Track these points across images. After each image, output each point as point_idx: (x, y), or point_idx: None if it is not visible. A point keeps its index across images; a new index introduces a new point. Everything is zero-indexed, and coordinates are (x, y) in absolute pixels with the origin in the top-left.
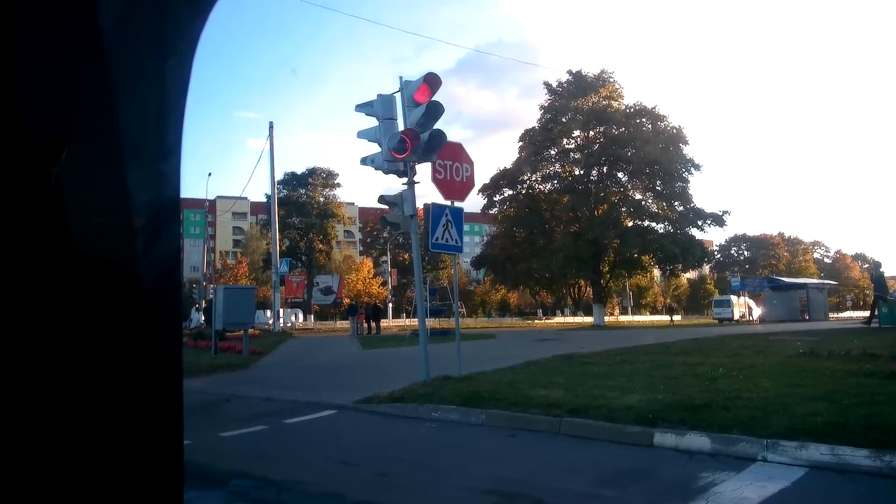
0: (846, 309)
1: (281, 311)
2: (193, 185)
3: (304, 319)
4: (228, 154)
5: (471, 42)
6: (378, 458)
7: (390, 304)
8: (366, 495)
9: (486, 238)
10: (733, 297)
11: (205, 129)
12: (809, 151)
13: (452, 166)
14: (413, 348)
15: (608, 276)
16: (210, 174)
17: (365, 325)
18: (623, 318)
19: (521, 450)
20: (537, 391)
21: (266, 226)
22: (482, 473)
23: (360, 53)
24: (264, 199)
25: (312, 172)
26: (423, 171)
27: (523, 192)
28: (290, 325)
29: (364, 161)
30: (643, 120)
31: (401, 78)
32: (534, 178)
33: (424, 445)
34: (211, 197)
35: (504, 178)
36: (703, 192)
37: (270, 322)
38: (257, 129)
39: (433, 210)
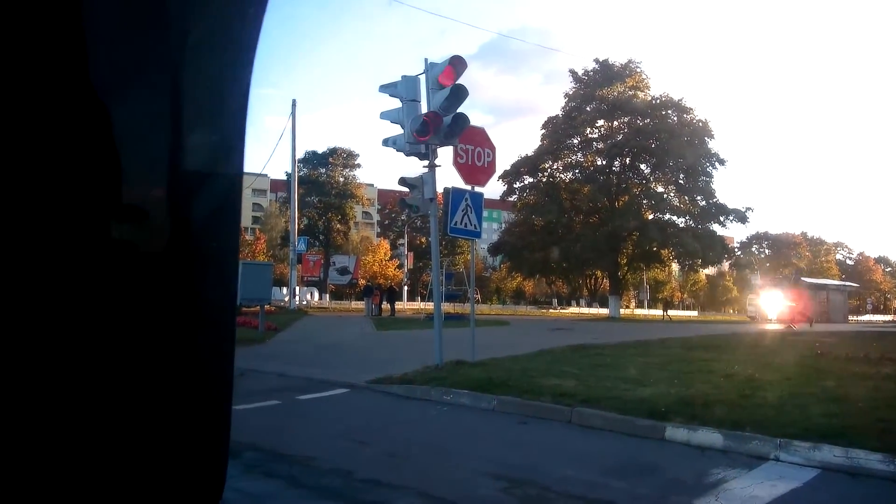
0: (866, 312)
1: (297, 288)
2: None
3: (320, 298)
4: (249, 130)
5: (494, 27)
6: (388, 438)
7: (405, 287)
8: (374, 473)
9: (503, 225)
10: (768, 295)
11: None
12: (836, 151)
13: (474, 151)
14: (426, 331)
15: (625, 268)
16: None
17: (381, 305)
18: (639, 312)
19: (531, 437)
20: (550, 380)
21: (285, 203)
22: (491, 458)
23: (384, 33)
24: (284, 177)
25: (333, 152)
26: (445, 154)
27: (544, 180)
28: (305, 303)
29: (386, 142)
30: (669, 112)
31: (426, 60)
32: (555, 167)
33: (435, 428)
34: None
35: (525, 166)
36: (726, 187)
37: (286, 299)
38: (278, 106)
39: (453, 194)
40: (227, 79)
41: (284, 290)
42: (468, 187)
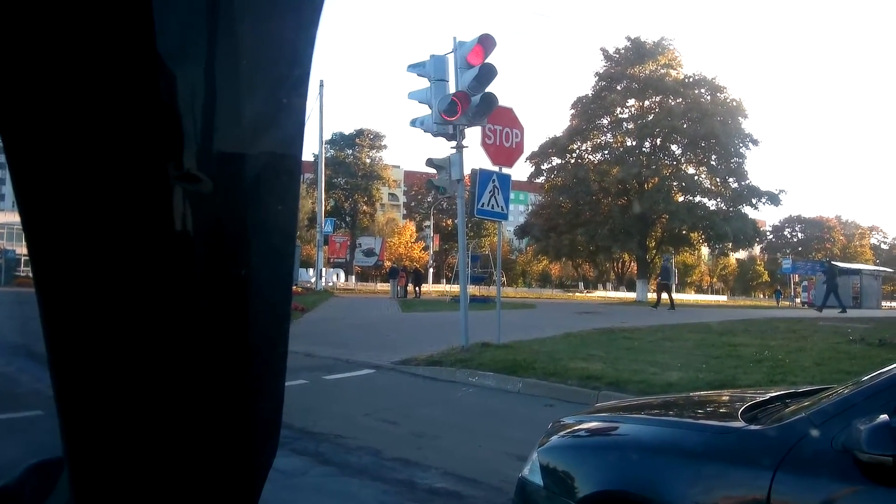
0: None
1: (324, 270)
2: None
3: (346, 280)
4: None
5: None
6: (414, 418)
7: (431, 270)
8: (401, 452)
9: (530, 207)
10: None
11: None
12: (873, 133)
13: (502, 131)
14: (452, 313)
15: (654, 251)
16: None
17: (407, 287)
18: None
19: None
20: (576, 363)
21: (312, 185)
22: (516, 439)
23: (411, 10)
24: (311, 159)
25: (360, 133)
26: (473, 135)
27: (572, 161)
28: (332, 284)
29: (414, 123)
30: (701, 91)
31: (454, 38)
32: (584, 148)
33: (461, 409)
34: None
35: (553, 147)
36: (759, 168)
37: (313, 281)
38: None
39: (480, 175)
40: (290, 50)
41: (311, 271)
42: (496, 168)
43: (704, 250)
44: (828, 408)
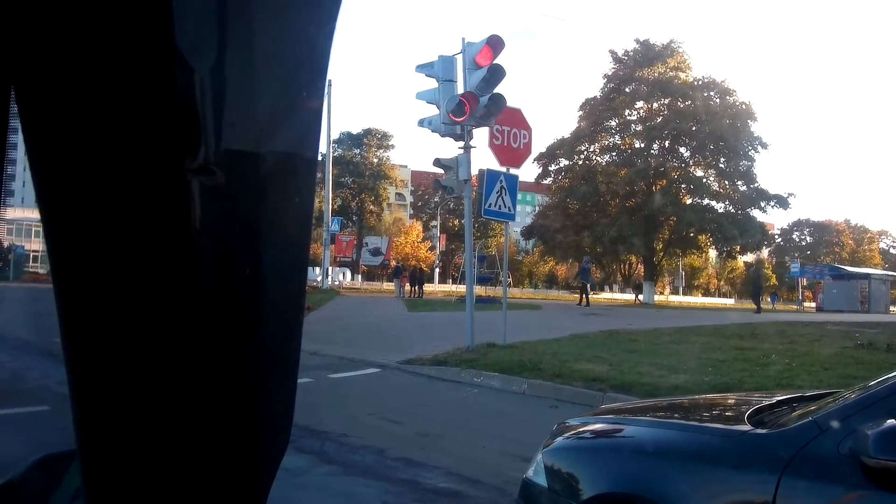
0: None
1: (330, 269)
2: None
3: (352, 279)
4: None
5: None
6: (419, 418)
7: (437, 270)
8: (405, 452)
9: (537, 208)
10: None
11: None
12: (883, 137)
13: (510, 132)
14: (457, 314)
15: (661, 254)
16: None
17: (408, 287)
18: (674, 299)
19: None
20: (581, 364)
21: (319, 184)
22: (521, 441)
23: (419, 11)
24: (319, 158)
25: (367, 133)
26: (480, 135)
27: (580, 163)
28: (337, 283)
29: (421, 123)
30: (711, 94)
31: (463, 39)
32: (591, 150)
33: (466, 409)
34: None
35: (561, 148)
36: (768, 171)
37: (319, 279)
38: None
39: (488, 176)
40: (309, 44)
41: (317, 270)
42: (503, 169)
43: (712, 253)
44: (834, 412)
